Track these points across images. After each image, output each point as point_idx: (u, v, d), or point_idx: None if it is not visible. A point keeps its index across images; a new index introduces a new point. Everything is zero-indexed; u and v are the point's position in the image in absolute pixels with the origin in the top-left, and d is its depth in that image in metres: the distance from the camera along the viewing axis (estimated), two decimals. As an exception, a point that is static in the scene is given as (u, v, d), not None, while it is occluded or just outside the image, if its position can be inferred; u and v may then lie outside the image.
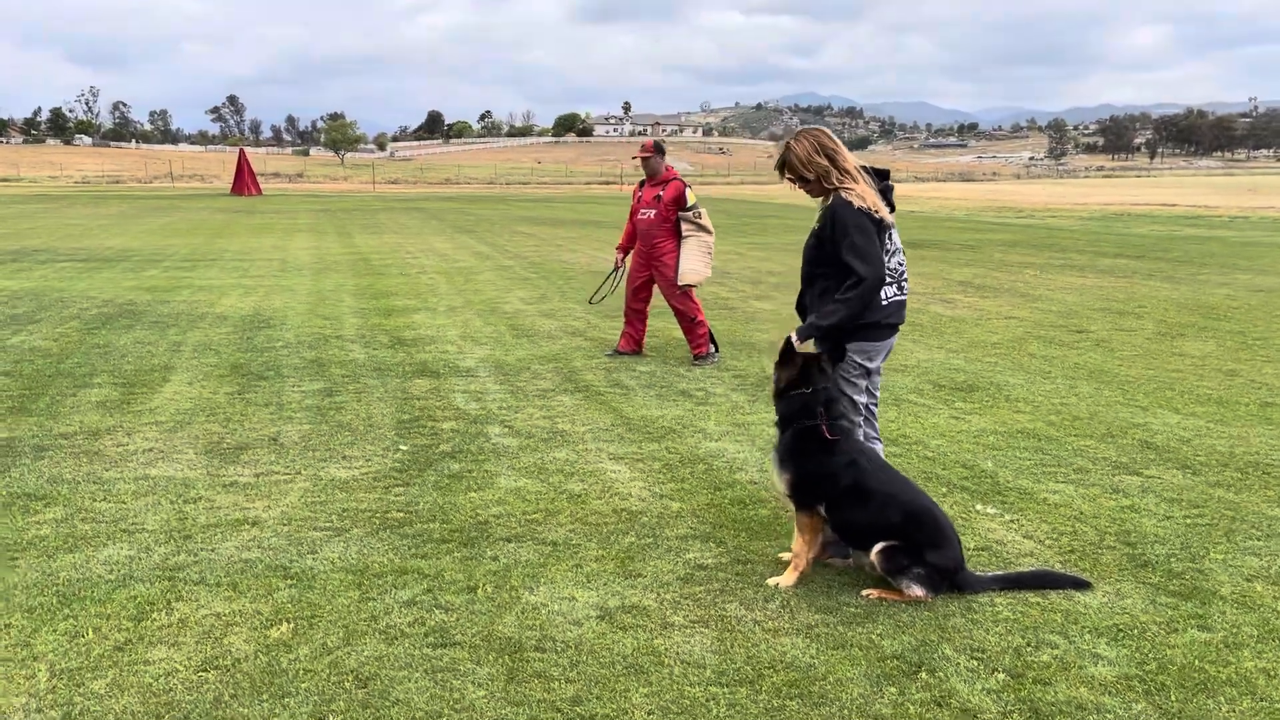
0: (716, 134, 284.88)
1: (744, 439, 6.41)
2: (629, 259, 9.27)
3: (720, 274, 16.10)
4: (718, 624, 3.82)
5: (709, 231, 8.88)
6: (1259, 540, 4.69)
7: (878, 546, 4.05)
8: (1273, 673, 3.44)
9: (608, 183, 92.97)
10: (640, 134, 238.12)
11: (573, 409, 7.18)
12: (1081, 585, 4.14)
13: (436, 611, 3.90)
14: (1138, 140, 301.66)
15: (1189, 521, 4.94)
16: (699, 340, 8.88)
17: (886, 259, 4.25)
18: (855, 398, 4.36)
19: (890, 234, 4.28)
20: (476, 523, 4.88)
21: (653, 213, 8.84)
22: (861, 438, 4.34)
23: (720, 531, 4.78)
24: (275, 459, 5.91)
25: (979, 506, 5.12)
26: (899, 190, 4.79)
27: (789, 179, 4.42)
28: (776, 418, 4.36)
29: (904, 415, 7.01)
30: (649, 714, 3.20)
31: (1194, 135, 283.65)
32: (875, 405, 4.49)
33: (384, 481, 5.50)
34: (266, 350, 9.32)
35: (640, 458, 6.00)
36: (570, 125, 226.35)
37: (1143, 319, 11.60)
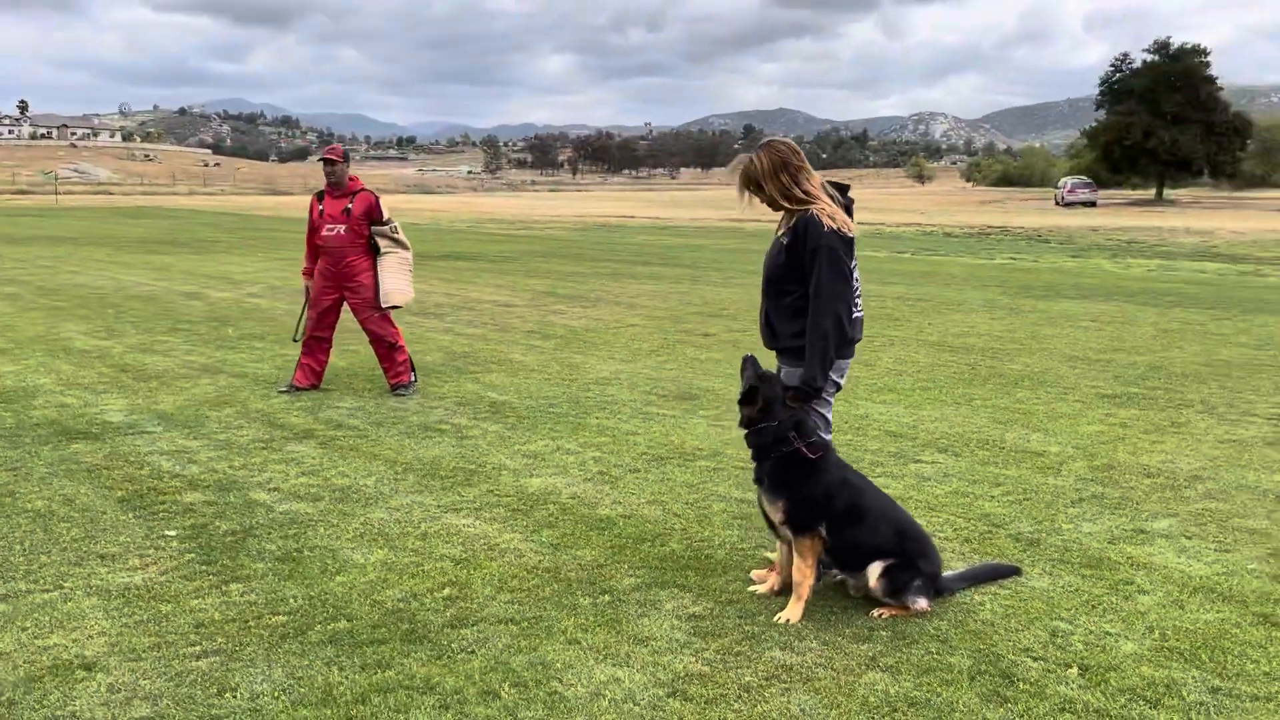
0: (139, 139, 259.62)
1: (556, 470, 5.96)
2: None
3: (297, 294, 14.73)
4: (789, 674, 3.52)
5: (406, 247, 8.10)
6: (1073, 508, 5.40)
7: (877, 568, 4.01)
8: (1235, 620, 4.00)
9: (23, 192, 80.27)
10: (43, 136, 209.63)
11: (325, 459, 6.14)
12: (1018, 572, 4.46)
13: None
14: (561, 158, 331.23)
15: (1010, 499, 5.54)
16: (400, 368, 8.05)
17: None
18: (828, 415, 4.28)
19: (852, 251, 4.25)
20: (389, 612, 3.98)
21: (342, 228, 7.83)
22: None
23: (665, 575, 4.40)
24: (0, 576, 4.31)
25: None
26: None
27: (749, 192, 4.20)
28: (750, 448, 4.16)
29: (672, 428, 6.99)
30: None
31: (606, 154, 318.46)
32: None
33: (203, 579, 4.27)
34: None
35: (476, 506, 5.31)
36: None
37: (739, 320, 12.75)
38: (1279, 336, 11.60)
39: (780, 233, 4.22)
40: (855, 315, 4.26)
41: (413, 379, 8.13)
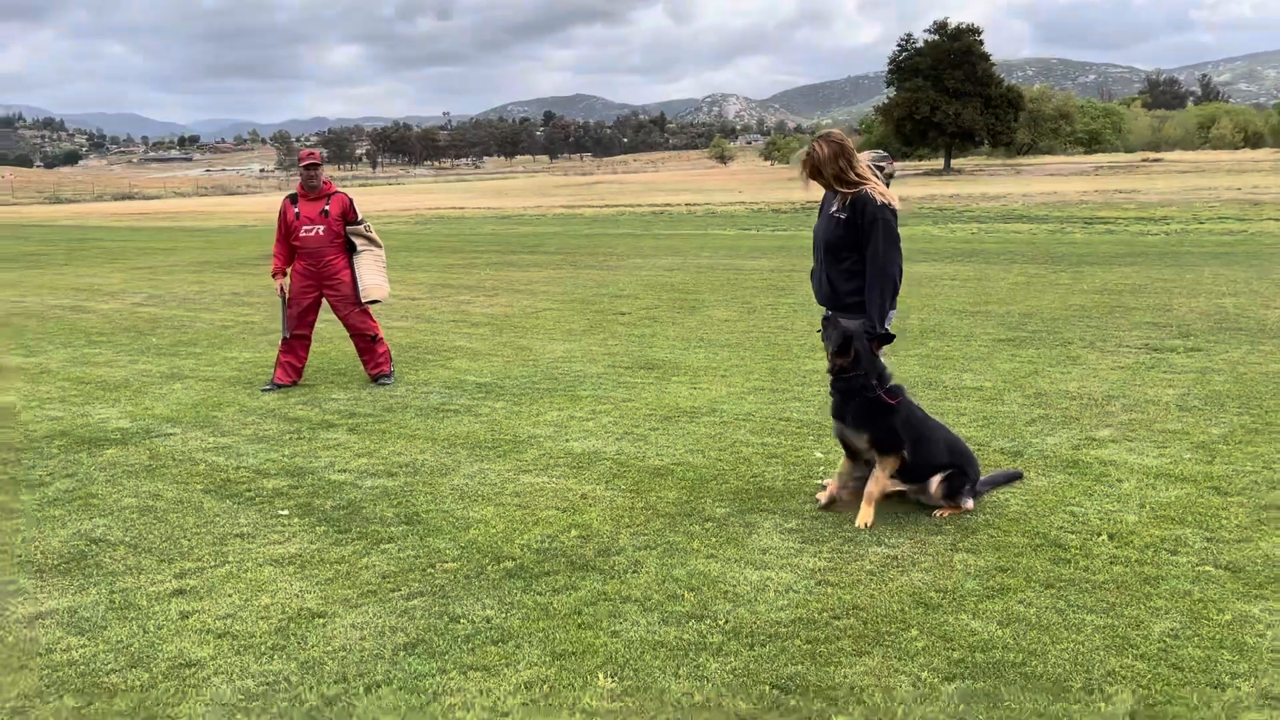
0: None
1: (585, 434, 6.61)
2: (288, 281, 8.36)
3: (184, 300, 14.57)
4: (899, 562, 4.38)
5: (379, 244, 8.50)
6: (1030, 426, 6.49)
7: (937, 479, 4.92)
8: (1197, 494, 5.14)
9: None
10: None
11: (368, 443, 6.59)
12: (1021, 476, 5.48)
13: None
14: (359, 151, 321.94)
15: (977, 425, 6.60)
16: (380, 359, 8.47)
17: (889, 240, 5.09)
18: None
19: (894, 219, 5.13)
20: (540, 551, 4.60)
21: (320, 228, 8.17)
22: None
23: (746, 504, 5.18)
24: (163, 572, 4.66)
25: (819, 454, 6.13)
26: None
27: (809, 177, 5.01)
28: (836, 392, 4.97)
29: (659, 394, 7.75)
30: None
31: (406, 146, 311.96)
32: None
33: (352, 544, 4.76)
34: None
35: (541, 467, 5.94)
36: None
37: (642, 299, 13.58)
38: (1111, 283, 13.39)
39: (835, 209, 5.05)
40: None
41: (392, 369, 8.56)
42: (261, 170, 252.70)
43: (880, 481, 4.89)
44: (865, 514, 4.86)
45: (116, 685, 3.46)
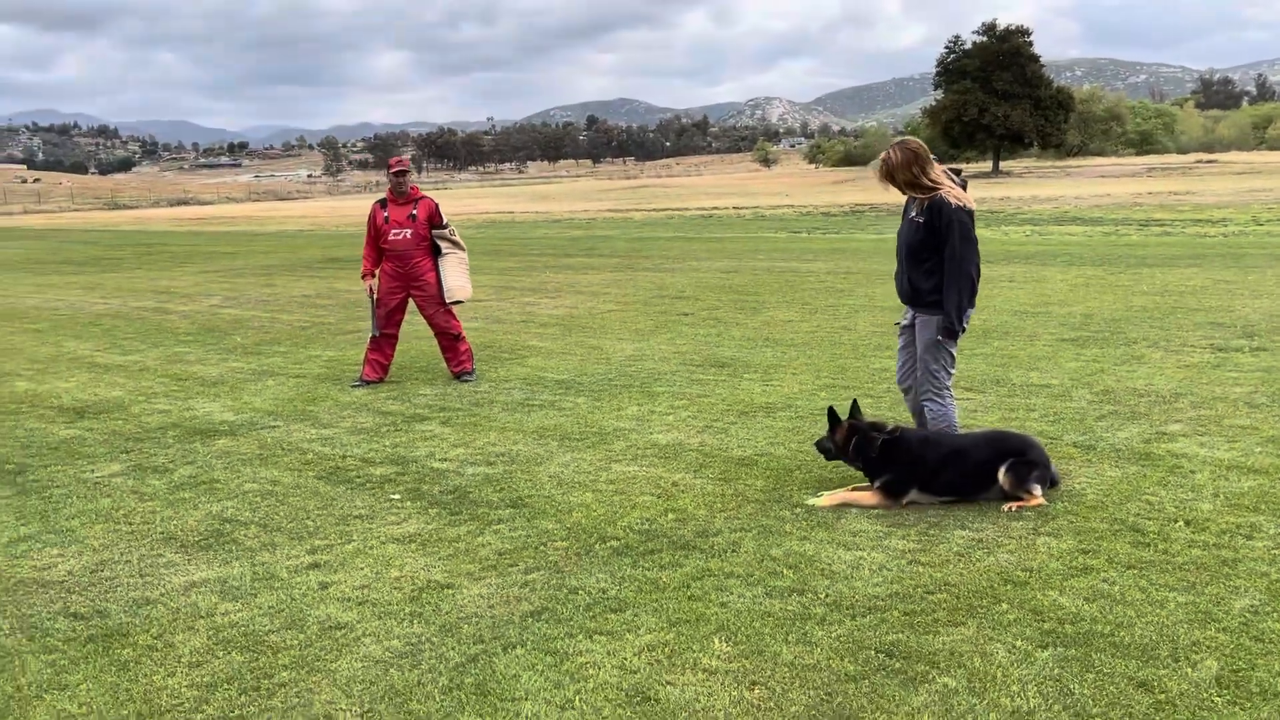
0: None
1: (667, 427, 6.92)
2: (377, 282, 8.76)
3: (260, 302, 15.11)
4: (983, 545, 4.62)
5: (463, 247, 8.88)
6: (1100, 421, 6.70)
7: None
8: (1269, 485, 5.33)
9: None
10: None
11: (462, 435, 6.94)
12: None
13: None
14: (405, 157, 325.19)
15: (1049, 420, 6.81)
16: (463, 357, 8.84)
17: (965, 241, 5.35)
18: (954, 353, 5.41)
19: (970, 221, 5.39)
20: (642, 533, 4.91)
21: (409, 232, 8.56)
22: (950, 398, 5.46)
23: (830, 491, 5.46)
24: (295, 548, 5.03)
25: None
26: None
27: (884, 181, 5.29)
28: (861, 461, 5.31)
29: (732, 390, 8.04)
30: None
31: (451, 151, 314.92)
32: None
33: (465, 525, 5.10)
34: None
35: (630, 457, 6.24)
36: None
37: (704, 300, 13.87)
38: (1171, 284, 13.46)
39: (914, 214, 5.32)
40: None
41: (474, 366, 8.93)
42: (309, 175, 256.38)
43: (861, 496, 5.21)
44: (827, 499, 5.24)
45: (277, 644, 3.82)
